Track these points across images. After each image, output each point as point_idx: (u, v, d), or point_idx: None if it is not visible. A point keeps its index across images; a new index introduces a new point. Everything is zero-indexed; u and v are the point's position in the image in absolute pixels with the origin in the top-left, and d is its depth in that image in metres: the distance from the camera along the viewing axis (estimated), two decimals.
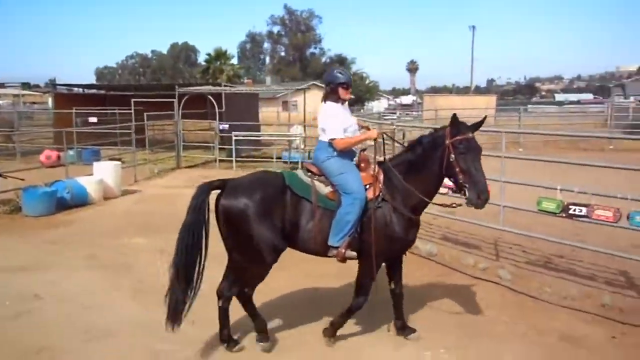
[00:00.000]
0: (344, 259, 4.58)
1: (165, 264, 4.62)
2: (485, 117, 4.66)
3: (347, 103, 4.94)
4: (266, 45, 74.61)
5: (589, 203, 5.89)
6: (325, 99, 4.85)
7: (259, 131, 20.88)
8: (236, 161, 16.38)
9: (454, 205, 4.85)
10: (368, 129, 5.00)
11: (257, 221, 4.32)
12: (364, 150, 4.97)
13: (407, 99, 75.91)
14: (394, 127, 8.36)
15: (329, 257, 4.59)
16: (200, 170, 16.47)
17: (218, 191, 4.51)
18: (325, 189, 4.59)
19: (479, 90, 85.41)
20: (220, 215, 4.45)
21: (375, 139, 4.76)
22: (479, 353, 4.78)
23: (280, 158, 16.84)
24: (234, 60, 61.41)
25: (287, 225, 4.46)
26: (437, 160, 4.46)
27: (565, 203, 6.05)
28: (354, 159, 4.83)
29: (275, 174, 4.80)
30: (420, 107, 37.82)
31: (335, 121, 4.70)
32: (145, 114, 16.96)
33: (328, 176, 4.63)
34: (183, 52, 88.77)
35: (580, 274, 6.52)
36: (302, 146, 17.17)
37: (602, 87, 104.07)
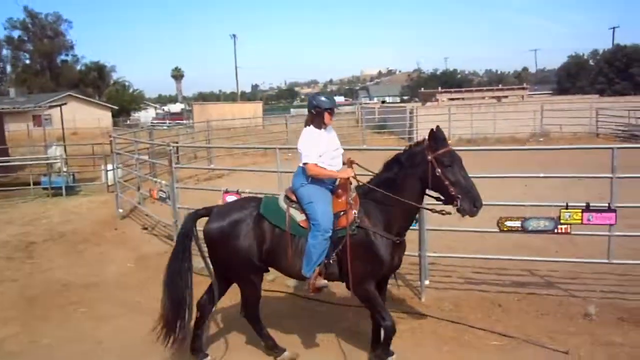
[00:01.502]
0: (315, 289, 4.60)
1: None
2: (438, 127, 4.55)
3: (331, 127, 4.88)
4: (5, 52, 64.99)
5: None
6: (308, 123, 4.78)
7: (7, 155, 18.11)
8: None
9: (443, 212, 4.64)
10: (353, 163, 4.83)
11: (229, 243, 4.55)
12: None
13: (175, 107, 74.38)
14: (170, 148, 8.09)
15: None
16: None
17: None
18: (299, 217, 4.60)
19: (245, 96, 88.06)
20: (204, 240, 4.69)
21: (347, 179, 4.65)
22: None
23: (38, 183, 14.80)
24: None
25: (264, 249, 4.59)
26: (420, 177, 4.41)
27: None
28: (334, 184, 4.76)
29: (256, 200, 4.87)
30: (190, 116, 37.41)
31: (311, 146, 4.65)
32: None
33: (300, 203, 4.64)
34: None
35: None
36: (65, 169, 15.40)
37: (351, 89, 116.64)
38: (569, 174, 7.67)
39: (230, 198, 7.24)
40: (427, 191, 4.54)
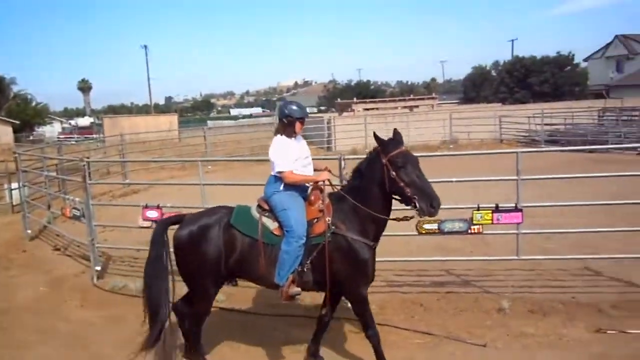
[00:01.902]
0: (288, 297, 4.56)
1: None
2: (396, 129, 4.68)
3: (300, 136, 4.86)
4: None
5: None
6: (279, 132, 4.74)
7: None
8: None
9: (407, 218, 4.63)
10: (326, 169, 4.82)
11: (198, 248, 4.51)
12: (316, 182, 4.74)
13: (84, 121, 70.70)
14: (84, 163, 7.72)
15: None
16: None
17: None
18: (272, 225, 4.57)
19: (158, 109, 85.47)
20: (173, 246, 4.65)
21: (324, 181, 4.65)
22: None
23: None
24: None
25: (233, 258, 4.56)
26: (379, 182, 4.40)
27: None
28: (307, 192, 4.72)
29: (227, 209, 4.77)
30: (100, 130, 35.78)
31: (285, 154, 4.62)
32: None
33: (273, 211, 4.61)
34: None
35: None
36: None
37: (268, 100, 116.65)
38: (479, 178, 8.16)
39: (151, 213, 7.05)
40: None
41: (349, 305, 5.02)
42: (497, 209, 6.22)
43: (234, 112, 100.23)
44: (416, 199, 4.24)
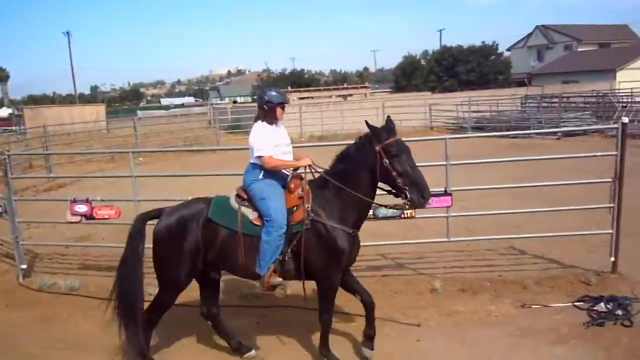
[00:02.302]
0: (269, 287, 4.54)
1: None
2: (389, 117, 4.61)
3: (280, 122, 4.79)
4: None
5: None
6: (260, 119, 4.68)
7: None
8: None
9: (397, 207, 4.66)
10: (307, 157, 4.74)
11: (175, 242, 4.45)
12: (296, 170, 4.70)
13: (1, 112, 66.40)
14: (5, 156, 7.28)
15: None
16: None
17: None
18: (252, 215, 4.52)
19: (84, 99, 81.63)
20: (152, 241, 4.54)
21: (306, 167, 4.59)
22: None
23: None
24: None
25: (212, 251, 4.51)
26: (369, 168, 4.35)
27: None
28: (287, 180, 4.65)
29: (206, 200, 4.71)
30: (20, 121, 33.67)
31: (264, 139, 4.54)
32: None
33: (252, 200, 4.55)
34: None
35: None
36: None
37: (201, 90, 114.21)
38: None
39: (80, 207, 6.79)
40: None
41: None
42: None
43: (164, 101, 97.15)
44: (407, 190, 4.23)
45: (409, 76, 51.29)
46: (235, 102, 61.83)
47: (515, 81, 45.97)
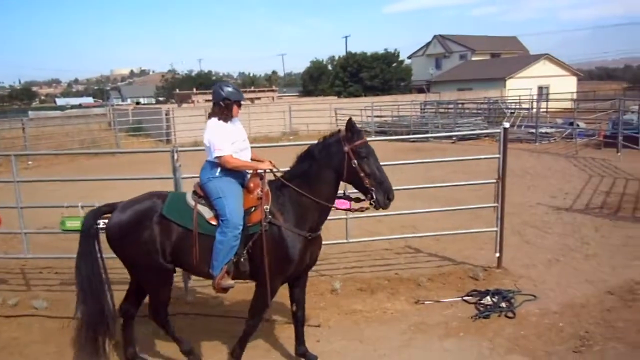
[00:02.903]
0: (220, 289, 4.41)
1: None
2: (351, 118, 4.39)
3: (237, 119, 4.61)
4: None
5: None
6: (215, 115, 4.47)
7: None
8: None
9: (362, 209, 4.55)
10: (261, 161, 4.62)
11: (129, 239, 4.28)
12: (256, 170, 4.50)
13: None
14: None
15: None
16: None
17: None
18: (208, 214, 4.36)
19: None
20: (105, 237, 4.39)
21: (265, 170, 4.46)
22: None
23: None
24: None
25: (169, 248, 4.32)
26: (335, 168, 4.28)
27: None
28: (246, 178, 4.50)
29: (161, 196, 4.49)
30: None
31: (221, 138, 4.36)
32: None
33: (209, 199, 4.38)
34: None
35: (116, 280, 6.84)
36: None
37: (101, 90, 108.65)
38: None
39: None
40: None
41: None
42: None
43: (60, 101, 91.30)
44: (373, 191, 4.25)
45: (316, 81, 52.08)
46: (138, 103, 59.45)
47: (416, 88, 48.18)
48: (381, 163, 4.32)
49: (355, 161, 4.23)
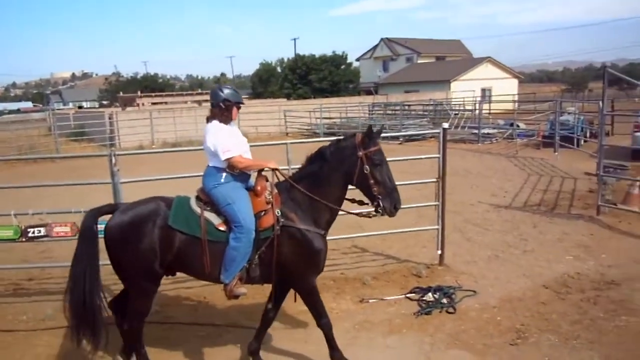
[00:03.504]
0: (232, 296, 4.31)
1: None
2: (371, 126, 4.34)
3: (233, 122, 4.52)
4: None
5: (46, 222, 6.02)
6: (215, 118, 4.39)
7: None
8: None
9: (369, 215, 4.52)
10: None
11: (129, 243, 4.12)
12: (261, 170, 4.40)
13: None
14: None
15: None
16: None
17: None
18: (216, 220, 4.25)
19: None
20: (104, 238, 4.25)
21: (271, 169, 4.38)
22: None
23: None
24: None
25: (170, 256, 4.19)
26: (346, 172, 4.27)
27: (23, 227, 5.98)
28: (250, 181, 4.43)
29: (165, 200, 4.35)
30: None
31: (228, 140, 4.28)
32: None
33: (216, 206, 4.26)
34: None
35: (54, 291, 6.60)
36: None
37: (40, 94, 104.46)
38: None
39: None
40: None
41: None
42: None
43: None
44: (380, 199, 4.26)
45: (265, 83, 51.88)
46: (80, 107, 57.52)
47: (364, 90, 48.80)
48: None
49: (368, 167, 4.24)
